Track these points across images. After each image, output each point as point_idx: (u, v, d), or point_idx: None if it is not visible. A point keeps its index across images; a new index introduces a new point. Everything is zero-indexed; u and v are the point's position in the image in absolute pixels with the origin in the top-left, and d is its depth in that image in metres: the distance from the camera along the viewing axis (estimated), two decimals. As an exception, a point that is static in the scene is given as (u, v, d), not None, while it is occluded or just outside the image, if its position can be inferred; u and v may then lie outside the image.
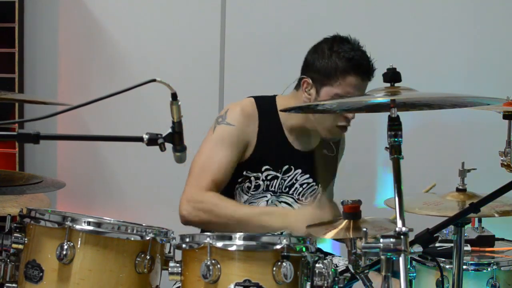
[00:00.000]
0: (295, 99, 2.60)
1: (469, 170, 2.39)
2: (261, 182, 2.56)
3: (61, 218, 1.87)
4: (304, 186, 2.62)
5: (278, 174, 2.58)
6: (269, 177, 2.57)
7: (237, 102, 2.64)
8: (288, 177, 2.59)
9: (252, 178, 2.56)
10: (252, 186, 2.57)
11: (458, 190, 2.38)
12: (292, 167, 2.60)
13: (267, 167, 2.57)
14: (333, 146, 2.73)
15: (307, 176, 2.62)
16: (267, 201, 2.58)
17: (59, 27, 3.60)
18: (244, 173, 2.56)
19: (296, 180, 2.61)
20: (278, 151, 2.59)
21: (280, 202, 2.59)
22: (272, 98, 2.64)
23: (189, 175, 2.51)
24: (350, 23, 3.34)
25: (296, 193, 2.61)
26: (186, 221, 2.45)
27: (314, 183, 2.64)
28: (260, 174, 2.56)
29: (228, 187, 2.59)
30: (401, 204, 1.67)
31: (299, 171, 2.61)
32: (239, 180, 2.57)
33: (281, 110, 2.53)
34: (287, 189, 2.60)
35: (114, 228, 1.89)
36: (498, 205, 2.19)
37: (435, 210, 2.23)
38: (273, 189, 2.58)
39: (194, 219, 2.43)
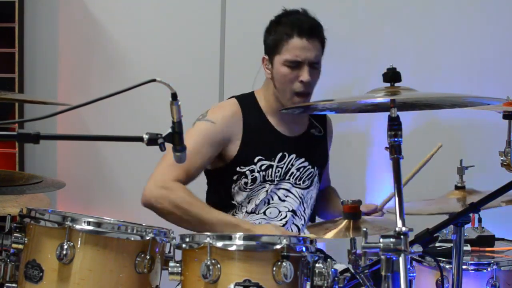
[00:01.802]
0: (267, 84, 2.65)
1: (467, 167, 2.39)
2: (257, 174, 2.58)
3: (61, 218, 1.87)
4: (300, 170, 2.65)
5: (272, 163, 2.61)
6: (263, 167, 2.59)
7: (219, 103, 2.75)
8: (284, 163, 2.62)
9: (248, 172, 2.58)
10: (249, 181, 2.59)
11: (457, 187, 2.39)
12: (285, 153, 2.63)
13: (259, 157, 2.60)
14: (320, 126, 2.75)
15: (303, 159, 2.65)
16: (266, 191, 2.60)
17: (59, 27, 3.59)
18: (238, 169, 2.58)
19: (292, 165, 2.63)
20: (268, 140, 2.63)
21: (279, 189, 2.61)
22: (251, 93, 2.70)
23: (161, 161, 2.50)
24: (350, 23, 3.34)
25: (293, 178, 2.63)
26: (147, 203, 2.46)
27: (310, 166, 2.67)
28: (254, 166, 2.59)
29: (224, 188, 2.61)
30: (401, 204, 1.67)
31: (294, 156, 2.64)
32: (234, 178, 2.59)
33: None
34: (285, 175, 2.62)
35: (114, 228, 1.89)
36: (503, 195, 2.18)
37: (435, 208, 2.23)
38: (270, 178, 2.60)
39: (157, 205, 2.44)
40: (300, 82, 2.52)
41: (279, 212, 2.60)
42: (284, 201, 2.61)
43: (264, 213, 2.60)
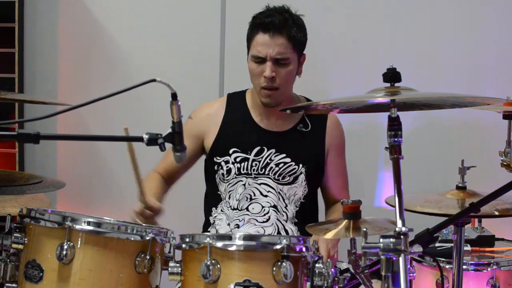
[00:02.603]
0: None
1: (468, 168, 2.39)
2: (231, 166, 2.63)
3: (61, 218, 1.87)
4: (280, 165, 2.64)
5: (248, 156, 2.64)
6: (238, 159, 2.64)
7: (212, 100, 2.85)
8: (262, 158, 2.64)
9: (223, 163, 2.65)
10: (225, 172, 2.65)
11: (458, 188, 2.39)
12: (264, 147, 2.65)
13: (234, 149, 2.65)
14: (308, 122, 2.71)
15: (283, 155, 2.65)
16: (244, 184, 2.63)
17: (59, 27, 3.59)
18: (214, 159, 2.67)
19: (271, 160, 2.64)
20: (246, 133, 2.68)
21: (260, 184, 2.63)
22: (244, 91, 2.79)
23: None
24: (350, 23, 3.34)
25: (272, 173, 2.64)
26: None
27: (293, 163, 2.65)
28: (229, 158, 2.65)
29: (212, 180, 2.71)
30: (401, 204, 1.67)
31: (273, 151, 2.65)
32: (215, 168, 2.67)
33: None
34: (263, 170, 2.64)
35: (114, 228, 1.89)
36: (498, 204, 2.19)
37: (436, 208, 2.23)
38: (245, 171, 2.63)
39: None
40: (264, 77, 2.56)
41: (262, 207, 2.61)
42: (266, 196, 2.62)
43: (247, 208, 2.62)
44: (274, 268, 1.82)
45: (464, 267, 2.33)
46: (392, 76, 1.89)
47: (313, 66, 2.80)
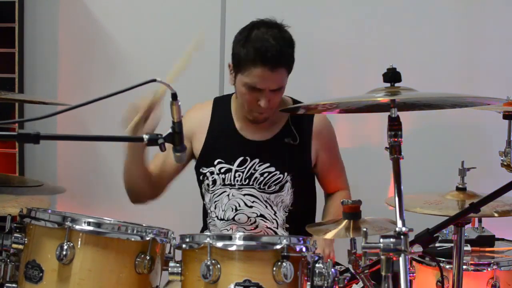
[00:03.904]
0: None
1: (468, 169, 2.39)
2: (216, 176, 2.61)
3: (61, 218, 1.87)
4: (265, 175, 2.59)
5: (231, 167, 2.60)
6: (222, 170, 2.60)
7: (199, 103, 2.78)
8: (245, 168, 2.60)
9: (208, 174, 2.62)
10: (210, 183, 2.62)
11: (458, 189, 2.39)
12: (247, 158, 2.60)
13: (219, 160, 2.61)
14: (297, 135, 2.63)
15: (267, 165, 2.60)
16: (228, 195, 2.60)
17: (59, 27, 3.59)
18: (201, 170, 2.64)
19: (255, 170, 2.60)
20: (229, 143, 2.63)
21: (244, 195, 2.60)
22: (229, 95, 2.72)
23: None
24: (350, 23, 3.34)
25: (256, 183, 2.59)
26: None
27: (277, 172, 2.59)
28: (213, 168, 2.61)
29: (200, 188, 2.69)
30: (401, 204, 1.67)
31: (257, 160, 2.60)
32: (201, 178, 2.65)
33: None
34: (247, 180, 2.60)
35: (114, 228, 1.89)
36: (498, 205, 2.19)
37: (436, 210, 2.23)
38: (229, 182, 2.60)
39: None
40: (258, 105, 2.49)
41: (248, 218, 2.58)
42: (251, 207, 2.59)
43: (233, 219, 2.59)
44: (274, 268, 1.82)
45: (464, 267, 2.33)
46: (392, 76, 1.89)
47: (312, 66, 2.81)
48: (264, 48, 2.44)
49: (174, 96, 1.72)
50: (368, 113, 2.86)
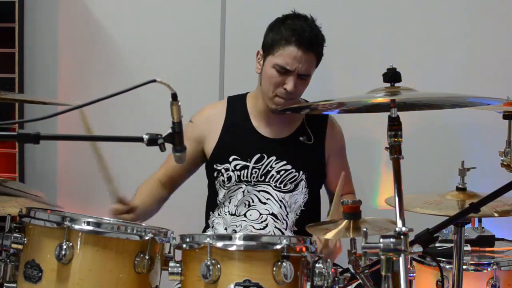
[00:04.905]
0: (258, 84, 2.67)
1: (469, 169, 2.39)
2: (231, 173, 2.61)
3: (60, 218, 1.87)
4: (281, 173, 2.62)
5: (248, 164, 2.62)
6: (238, 167, 2.62)
7: (213, 103, 2.83)
8: (262, 165, 2.62)
9: (223, 170, 2.63)
10: (225, 179, 2.63)
11: (458, 189, 2.39)
12: (264, 155, 2.62)
13: (234, 157, 2.62)
14: (311, 134, 2.69)
15: (284, 162, 2.63)
16: (243, 191, 2.61)
17: (59, 27, 3.59)
18: (215, 166, 2.65)
19: (272, 167, 2.62)
20: (246, 141, 2.65)
21: (259, 191, 2.61)
22: (244, 95, 2.76)
23: None
24: (351, 23, 3.34)
25: (273, 181, 2.61)
26: None
27: (293, 170, 2.63)
28: (229, 165, 2.62)
29: (212, 185, 2.69)
30: (401, 204, 1.67)
31: (273, 158, 2.62)
32: (215, 175, 2.65)
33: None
34: (263, 177, 2.62)
35: (114, 228, 1.89)
36: (498, 205, 2.19)
37: (436, 210, 2.23)
38: (245, 179, 2.61)
39: None
40: (284, 89, 2.53)
41: (260, 214, 2.59)
42: (265, 203, 2.60)
43: (245, 215, 2.60)
44: (274, 268, 1.82)
45: (464, 267, 2.33)
46: (392, 76, 1.89)
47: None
48: (302, 29, 2.53)
49: (174, 96, 1.72)
50: (368, 113, 2.86)
